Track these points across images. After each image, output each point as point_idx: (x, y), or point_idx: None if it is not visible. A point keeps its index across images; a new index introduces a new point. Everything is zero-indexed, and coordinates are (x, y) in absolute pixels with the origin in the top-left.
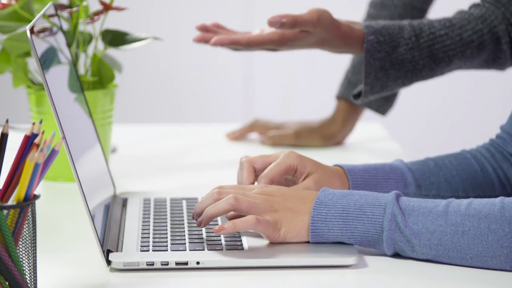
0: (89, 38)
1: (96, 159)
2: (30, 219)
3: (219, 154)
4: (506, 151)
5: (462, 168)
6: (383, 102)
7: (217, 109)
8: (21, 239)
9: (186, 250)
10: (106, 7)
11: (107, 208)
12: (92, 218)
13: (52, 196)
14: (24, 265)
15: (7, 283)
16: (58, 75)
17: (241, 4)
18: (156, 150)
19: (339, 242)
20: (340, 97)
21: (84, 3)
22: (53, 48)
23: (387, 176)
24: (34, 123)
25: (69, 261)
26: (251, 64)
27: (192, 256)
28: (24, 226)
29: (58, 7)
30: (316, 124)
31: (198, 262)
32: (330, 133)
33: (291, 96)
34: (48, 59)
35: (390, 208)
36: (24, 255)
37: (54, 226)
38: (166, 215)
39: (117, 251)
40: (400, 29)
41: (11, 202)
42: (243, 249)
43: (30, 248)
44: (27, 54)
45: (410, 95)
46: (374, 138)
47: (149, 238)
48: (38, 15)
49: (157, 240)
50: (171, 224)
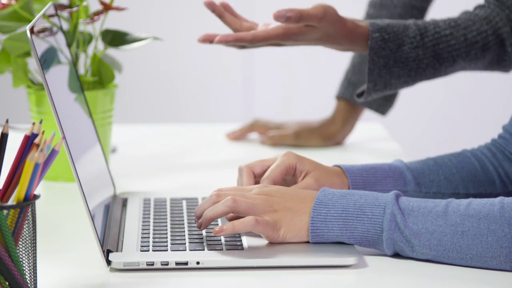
0: (89, 38)
1: (96, 159)
2: (30, 219)
3: (219, 154)
4: (507, 151)
5: (462, 166)
6: (383, 102)
7: (217, 109)
8: (21, 239)
9: (186, 250)
10: (106, 7)
11: (107, 208)
12: (92, 218)
13: (52, 196)
14: (24, 265)
15: (7, 283)
16: (58, 75)
17: (241, 4)
18: (156, 150)
19: (339, 242)
20: (340, 97)
21: (84, 3)
22: (53, 48)
23: (386, 174)
24: (34, 123)
25: (69, 261)
26: (251, 64)
27: (192, 256)
28: (24, 226)
29: (58, 7)
30: (316, 124)
31: (198, 262)
32: (330, 133)
33: (291, 96)
34: (48, 59)
35: (390, 208)
36: (24, 255)
37: (54, 226)
38: (166, 215)
39: (117, 251)
40: (405, 27)
41: (11, 202)
42: (243, 249)
43: (30, 248)
44: (27, 54)
45: (410, 95)
46: (374, 138)
47: (149, 238)
48: (38, 15)
49: (157, 240)
50: (171, 224)
